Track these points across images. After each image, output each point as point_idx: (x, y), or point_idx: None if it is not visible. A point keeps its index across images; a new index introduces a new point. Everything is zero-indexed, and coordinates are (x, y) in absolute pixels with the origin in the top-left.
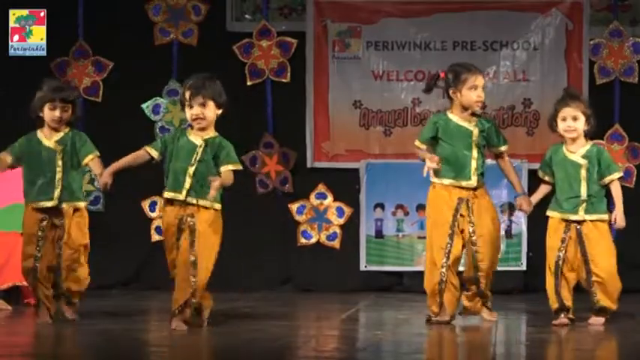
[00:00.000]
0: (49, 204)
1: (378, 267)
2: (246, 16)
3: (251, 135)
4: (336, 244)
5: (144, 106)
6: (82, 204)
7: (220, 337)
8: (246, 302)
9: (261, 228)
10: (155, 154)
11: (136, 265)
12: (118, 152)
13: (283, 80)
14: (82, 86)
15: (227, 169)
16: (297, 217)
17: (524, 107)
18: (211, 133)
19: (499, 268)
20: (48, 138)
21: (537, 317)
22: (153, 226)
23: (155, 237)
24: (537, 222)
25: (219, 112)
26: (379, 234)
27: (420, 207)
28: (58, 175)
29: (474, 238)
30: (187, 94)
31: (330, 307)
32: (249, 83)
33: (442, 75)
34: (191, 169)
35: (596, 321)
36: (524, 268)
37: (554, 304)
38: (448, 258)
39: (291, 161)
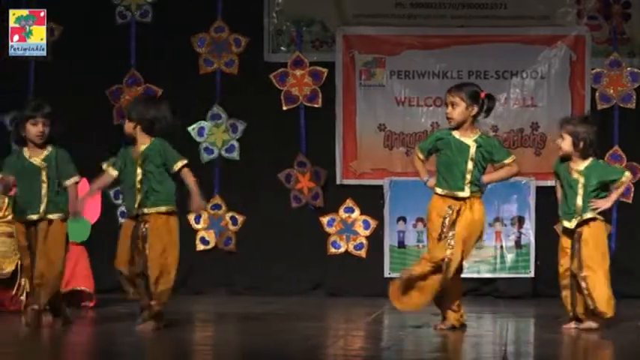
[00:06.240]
0: (34, 217)
1: (400, 274)
2: (282, 48)
3: (286, 155)
4: (362, 253)
5: (190, 128)
6: (61, 215)
7: (257, 337)
8: (281, 305)
9: (295, 238)
10: (115, 173)
11: (181, 272)
12: None
13: (315, 105)
14: None
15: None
16: (328, 229)
17: (532, 130)
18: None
19: (510, 276)
20: (34, 155)
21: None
22: (198, 237)
23: (200, 246)
24: (545, 233)
25: (135, 127)
26: (401, 244)
27: None
28: (44, 191)
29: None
30: None
31: (356, 311)
32: (284, 108)
33: None
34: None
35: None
36: (532, 275)
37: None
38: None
39: (322, 178)
